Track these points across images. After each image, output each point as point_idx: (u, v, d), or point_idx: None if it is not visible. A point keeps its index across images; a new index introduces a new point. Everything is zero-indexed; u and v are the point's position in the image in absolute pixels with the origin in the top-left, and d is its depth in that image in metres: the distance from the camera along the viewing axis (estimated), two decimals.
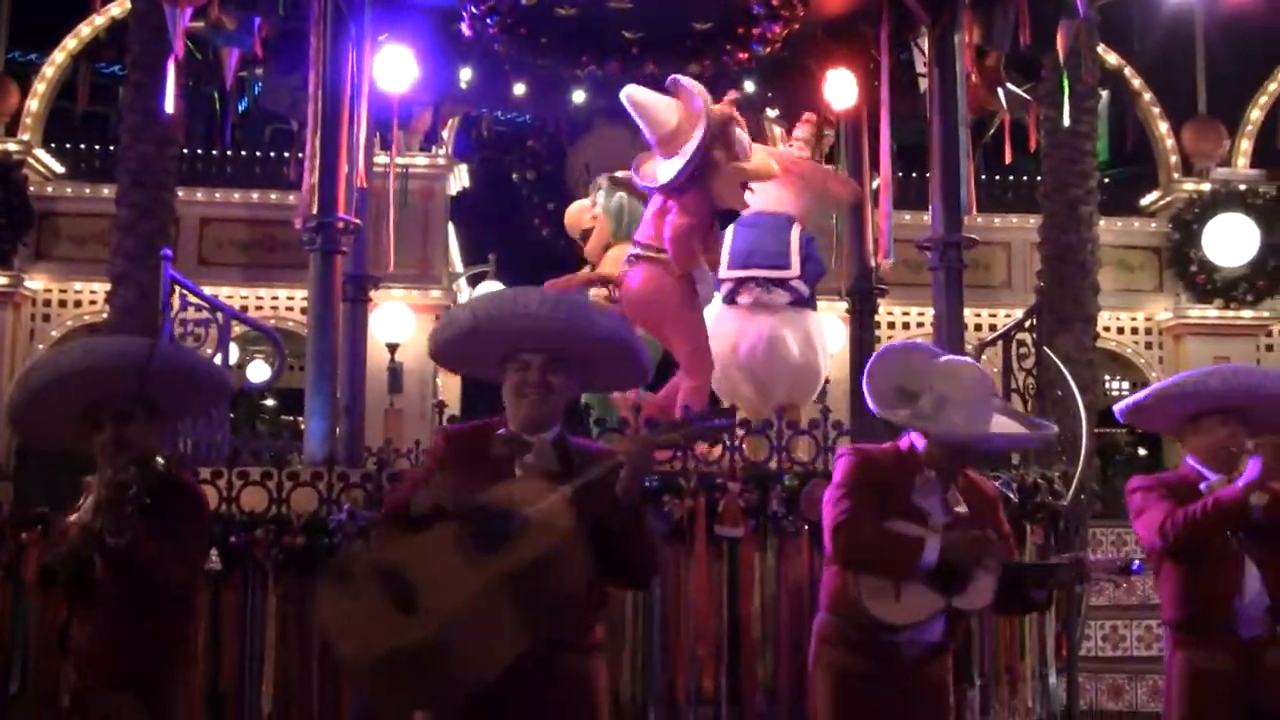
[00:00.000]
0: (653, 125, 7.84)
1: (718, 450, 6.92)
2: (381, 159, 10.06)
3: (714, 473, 6.76)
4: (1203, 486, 5.36)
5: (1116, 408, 5.88)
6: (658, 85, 9.53)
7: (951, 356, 5.18)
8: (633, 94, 7.84)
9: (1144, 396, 5.69)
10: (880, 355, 5.19)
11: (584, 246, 9.46)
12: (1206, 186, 17.94)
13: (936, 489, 4.84)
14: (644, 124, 7.86)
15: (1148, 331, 18.34)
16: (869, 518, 4.78)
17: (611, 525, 4.16)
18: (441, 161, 16.76)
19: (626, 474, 4.17)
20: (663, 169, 7.79)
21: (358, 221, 8.22)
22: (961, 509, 4.85)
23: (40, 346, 16.66)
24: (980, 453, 5.18)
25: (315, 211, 7.90)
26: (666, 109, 7.83)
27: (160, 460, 4.39)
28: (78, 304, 17.24)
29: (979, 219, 11.25)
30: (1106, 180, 17.76)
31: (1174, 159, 18.18)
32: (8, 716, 6.55)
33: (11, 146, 16.87)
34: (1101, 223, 15.81)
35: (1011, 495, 7.20)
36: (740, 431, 6.99)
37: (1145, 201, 18.59)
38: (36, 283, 17.08)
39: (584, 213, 9.52)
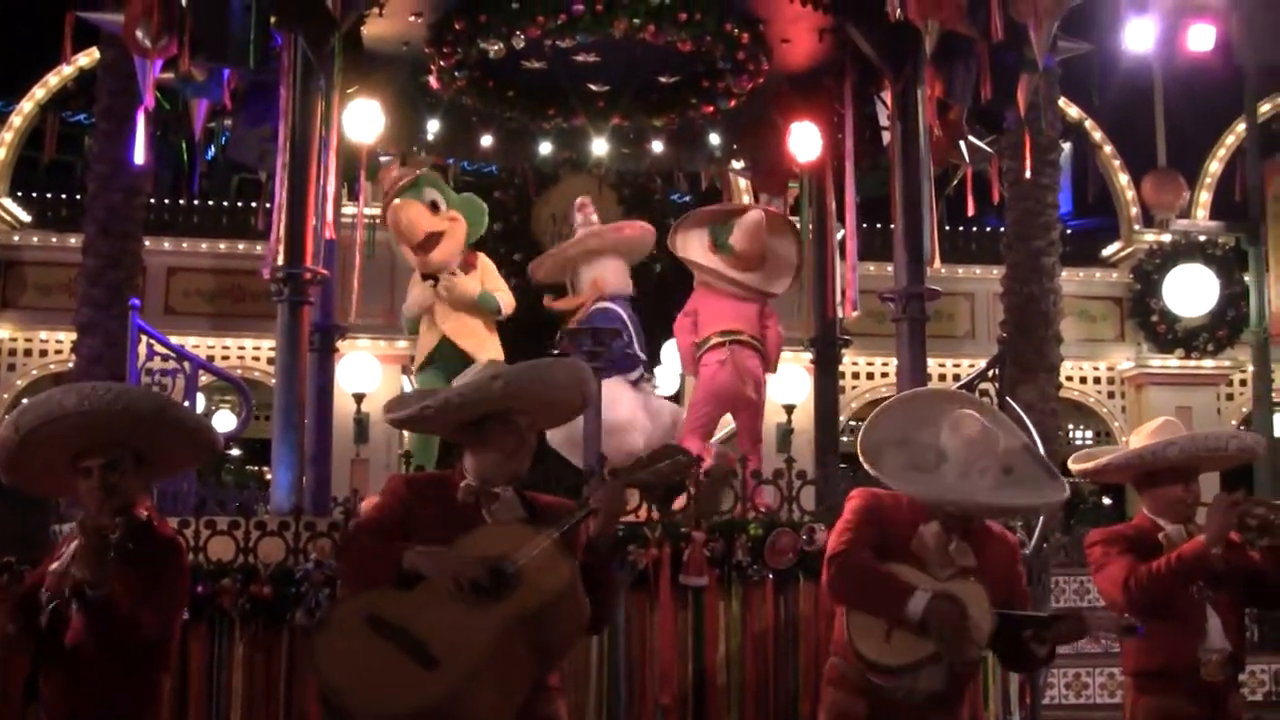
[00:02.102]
0: (764, 246, 9.07)
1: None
2: (349, 210, 10.08)
3: (678, 522, 6.79)
4: (1161, 537, 5.43)
5: (1073, 467, 5.94)
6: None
7: (964, 411, 5.03)
8: (766, 220, 9.10)
9: (1101, 465, 5.77)
10: (891, 406, 5.20)
11: (419, 251, 9.33)
12: (1167, 237, 18.17)
13: (940, 541, 4.83)
14: (755, 241, 8.99)
15: (1110, 381, 18.51)
16: (864, 554, 4.78)
17: (587, 570, 4.24)
18: None
19: (603, 519, 4.31)
20: (776, 285, 9.29)
21: (325, 272, 8.23)
22: (968, 562, 4.82)
23: (4, 396, 16.61)
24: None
25: (282, 262, 7.91)
26: None
27: (144, 512, 4.38)
28: (43, 353, 17.20)
29: (942, 270, 11.32)
30: (1068, 231, 17.98)
31: (1134, 210, 18.42)
32: None
33: None
34: (1064, 273, 15.99)
35: None
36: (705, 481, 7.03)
37: (1107, 252, 18.81)
38: (2, 331, 17.05)
39: (421, 214, 9.28)
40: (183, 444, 4.60)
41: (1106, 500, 21.44)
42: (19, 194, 17.66)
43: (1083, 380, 18.38)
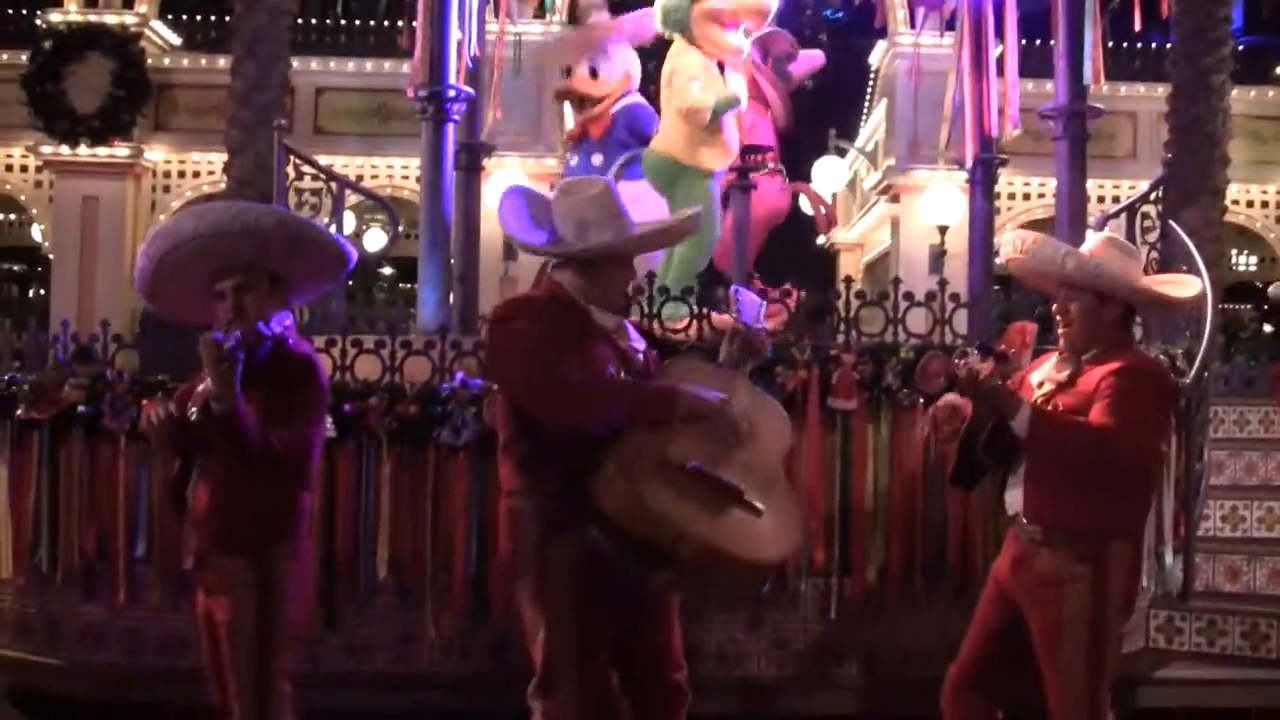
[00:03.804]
0: None
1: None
2: (494, 27, 9.94)
3: (828, 344, 6.67)
4: None
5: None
6: None
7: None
8: None
9: None
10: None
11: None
12: None
13: (1065, 366, 4.61)
14: None
15: (1278, 205, 17.85)
16: None
17: None
18: (556, 29, 16.61)
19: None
20: None
21: (470, 90, 8.16)
22: (1061, 377, 4.55)
23: (161, 217, 16.92)
24: None
25: (427, 80, 7.85)
26: None
27: (277, 330, 4.37)
28: (196, 174, 17.48)
29: (1104, 88, 10.90)
30: (1239, 48, 17.20)
31: None
32: (135, 577, 6.70)
33: (129, 19, 17.03)
34: (1234, 92, 15.33)
35: None
36: (856, 304, 6.88)
37: None
38: (156, 154, 17.32)
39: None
40: (313, 260, 4.56)
41: (1268, 328, 20.88)
42: (169, 17, 17.78)
43: (1249, 204, 17.78)
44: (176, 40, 17.73)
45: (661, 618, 4.33)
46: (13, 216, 21.43)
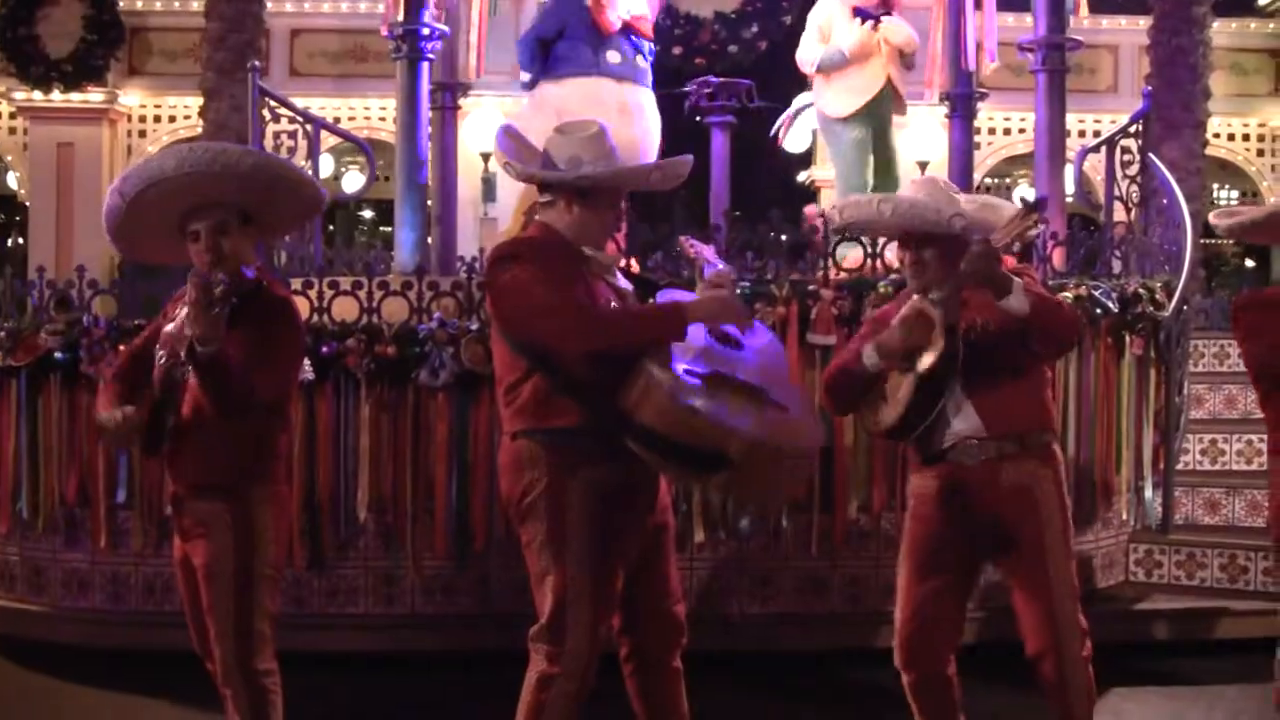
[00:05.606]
0: None
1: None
2: None
3: (807, 280, 6.65)
4: None
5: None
6: None
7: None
8: None
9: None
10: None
11: None
12: None
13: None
14: None
15: (1260, 138, 17.85)
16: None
17: None
18: None
19: None
20: None
21: (444, 28, 8.09)
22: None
23: (137, 163, 16.78)
24: None
25: (400, 18, 7.78)
26: None
27: (254, 272, 4.34)
28: (172, 119, 17.33)
29: (1085, 20, 10.84)
30: None
31: None
32: (117, 523, 6.69)
33: None
34: (1215, 24, 15.28)
35: (1111, 305, 7.05)
36: (835, 239, 6.85)
37: (1263, 1, 17.93)
38: (131, 98, 17.16)
39: None
40: (288, 201, 4.50)
41: (1250, 263, 20.92)
42: None
43: (1230, 138, 17.73)
44: None
45: (661, 552, 4.31)
46: None
